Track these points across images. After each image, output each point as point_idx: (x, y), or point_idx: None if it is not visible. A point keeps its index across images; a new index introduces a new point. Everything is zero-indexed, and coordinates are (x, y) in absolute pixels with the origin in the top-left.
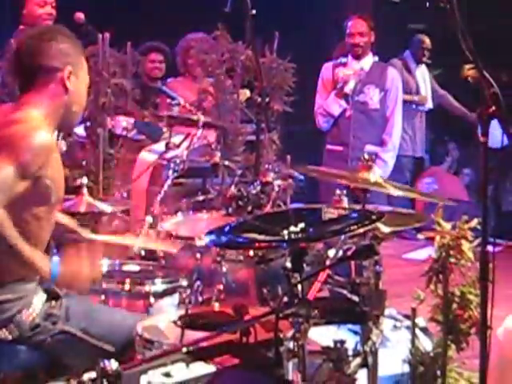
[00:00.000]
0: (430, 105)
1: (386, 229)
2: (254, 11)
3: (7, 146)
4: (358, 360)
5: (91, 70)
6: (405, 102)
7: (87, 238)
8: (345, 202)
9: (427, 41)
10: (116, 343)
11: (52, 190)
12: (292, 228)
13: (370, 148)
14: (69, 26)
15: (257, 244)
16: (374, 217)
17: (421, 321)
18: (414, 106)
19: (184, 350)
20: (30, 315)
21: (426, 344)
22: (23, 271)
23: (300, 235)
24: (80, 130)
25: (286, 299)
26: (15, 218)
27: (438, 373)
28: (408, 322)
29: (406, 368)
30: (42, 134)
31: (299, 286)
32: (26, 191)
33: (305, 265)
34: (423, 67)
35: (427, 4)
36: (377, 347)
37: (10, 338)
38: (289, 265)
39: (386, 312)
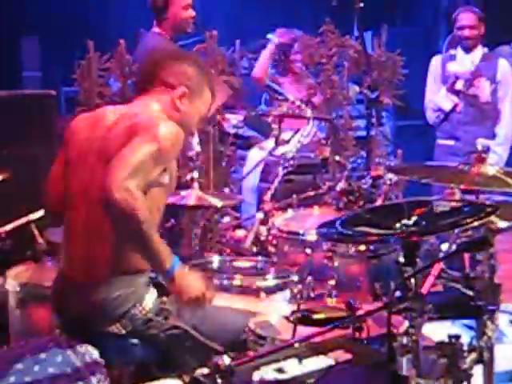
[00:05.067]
0: None
1: (501, 223)
2: (361, 4)
3: (146, 132)
4: (474, 355)
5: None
6: None
7: None
8: (458, 194)
9: None
10: (225, 343)
11: (168, 183)
12: (405, 221)
13: (482, 141)
14: None
15: (369, 237)
16: (488, 209)
17: None
18: None
19: (296, 345)
20: (143, 310)
21: None
22: (139, 264)
23: (413, 228)
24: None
25: (398, 294)
26: None
27: None
28: None
29: None
30: (175, 125)
31: (412, 280)
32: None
33: (418, 259)
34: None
35: None
36: (493, 342)
37: (123, 332)
38: (401, 259)
39: (502, 307)
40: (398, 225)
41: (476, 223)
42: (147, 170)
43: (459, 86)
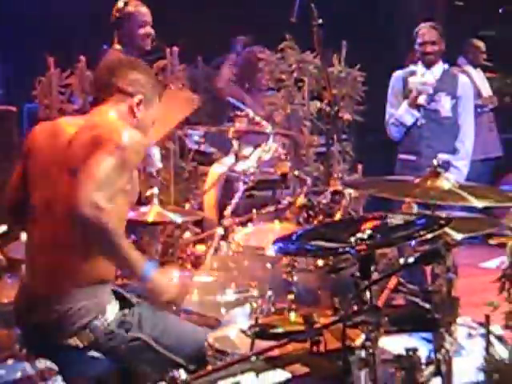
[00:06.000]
0: (495, 103)
1: (457, 235)
2: (320, 20)
3: (109, 142)
4: (432, 368)
5: (160, 84)
6: None
7: None
8: (414, 208)
9: (480, 44)
10: (186, 356)
11: (129, 190)
12: (359, 235)
13: (442, 156)
14: None
15: (324, 251)
16: (441, 222)
17: (496, 328)
18: (478, 110)
19: (253, 358)
20: (104, 321)
21: (501, 352)
22: (102, 273)
23: (367, 241)
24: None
25: (355, 307)
26: None
27: None
28: (483, 330)
29: (481, 376)
30: (136, 132)
31: (367, 293)
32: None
33: (376, 273)
34: (479, 70)
35: (500, 10)
36: (450, 355)
37: (85, 344)
38: (357, 272)
39: (460, 320)
40: (352, 238)
41: (429, 235)
42: (113, 181)
43: (421, 100)
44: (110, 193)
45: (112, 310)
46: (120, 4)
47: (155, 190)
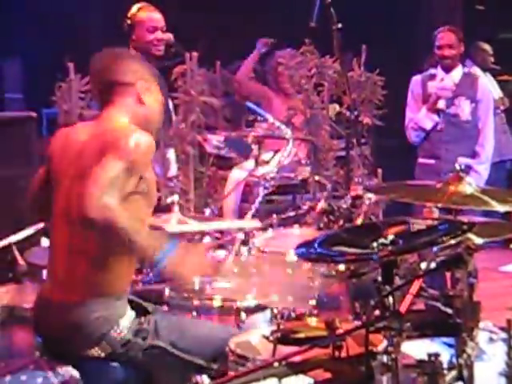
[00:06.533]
0: (507, 104)
1: (478, 240)
2: (340, 25)
3: (115, 147)
4: (454, 373)
5: (180, 90)
6: None
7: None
8: (436, 213)
9: (487, 47)
10: (206, 356)
11: (147, 192)
12: (382, 240)
13: (462, 160)
14: None
15: (347, 257)
16: (464, 227)
17: None
18: None
19: (276, 364)
20: (120, 332)
21: None
22: (117, 287)
23: (389, 247)
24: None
25: (377, 312)
26: None
27: None
28: (504, 335)
29: (503, 381)
30: (144, 134)
31: (390, 299)
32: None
33: (397, 278)
34: (488, 74)
35: None
36: (472, 360)
37: (102, 355)
38: (379, 278)
39: (482, 325)
40: (375, 244)
41: (452, 241)
42: (122, 184)
43: (441, 105)
44: (121, 194)
45: (127, 320)
46: (133, 10)
47: (176, 198)
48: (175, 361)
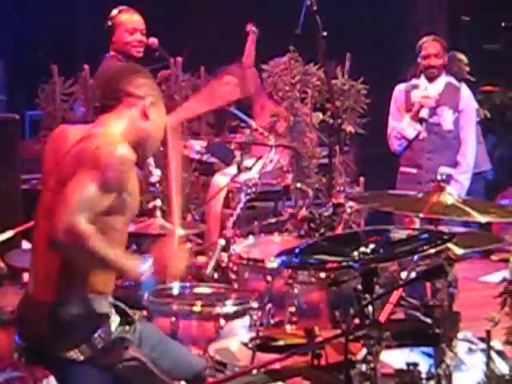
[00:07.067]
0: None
1: (459, 250)
2: (325, 33)
3: (89, 161)
4: (432, 383)
5: (164, 94)
6: None
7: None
8: (417, 223)
9: (463, 57)
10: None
11: (129, 203)
12: (362, 249)
13: (444, 170)
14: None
15: (327, 265)
16: (444, 237)
17: (497, 344)
18: None
19: (254, 372)
20: (103, 336)
21: (501, 367)
22: (99, 285)
23: (370, 256)
24: None
25: (356, 321)
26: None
27: None
28: (483, 345)
29: None
30: (123, 148)
31: (370, 308)
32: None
33: (378, 287)
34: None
35: (502, 24)
36: (451, 370)
37: (81, 358)
38: (359, 286)
39: (461, 335)
40: (355, 252)
41: (432, 250)
42: (94, 203)
43: (423, 114)
44: (94, 212)
45: (112, 325)
46: (113, 12)
47: (158, 202)
48: (151, 378)
